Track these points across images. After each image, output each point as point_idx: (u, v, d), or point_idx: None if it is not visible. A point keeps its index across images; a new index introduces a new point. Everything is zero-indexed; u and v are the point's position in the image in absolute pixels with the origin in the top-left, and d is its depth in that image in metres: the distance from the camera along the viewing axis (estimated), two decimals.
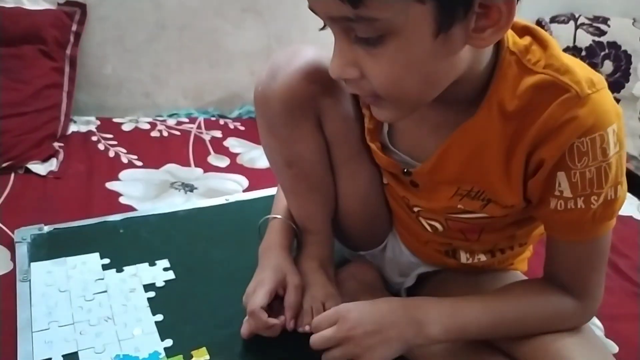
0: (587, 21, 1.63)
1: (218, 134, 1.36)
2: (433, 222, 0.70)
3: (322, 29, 0.53)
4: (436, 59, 0.50)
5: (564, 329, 0.62)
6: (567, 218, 0.58)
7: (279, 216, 0.76)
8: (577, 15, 1.64)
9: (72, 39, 1.28)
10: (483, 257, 0.73)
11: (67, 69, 1.27)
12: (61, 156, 1.14)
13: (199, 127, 1.38)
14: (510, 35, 0.56)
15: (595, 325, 0.83)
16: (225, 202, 1.04)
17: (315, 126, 0.68)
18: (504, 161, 0.58)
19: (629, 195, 1.24)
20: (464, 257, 0.73)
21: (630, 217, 1.17)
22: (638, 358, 0.80)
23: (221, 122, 1.43)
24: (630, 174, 1.35)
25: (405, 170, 0.66)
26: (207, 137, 1.34)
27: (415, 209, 0.70)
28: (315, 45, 0.66)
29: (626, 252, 1.03)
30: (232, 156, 1.27)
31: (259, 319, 0.66)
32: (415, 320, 0.61)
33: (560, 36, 1.59)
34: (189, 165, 1.21)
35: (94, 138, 1.25)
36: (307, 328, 0.67)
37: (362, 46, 0.49)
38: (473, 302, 0.63)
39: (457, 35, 0.48)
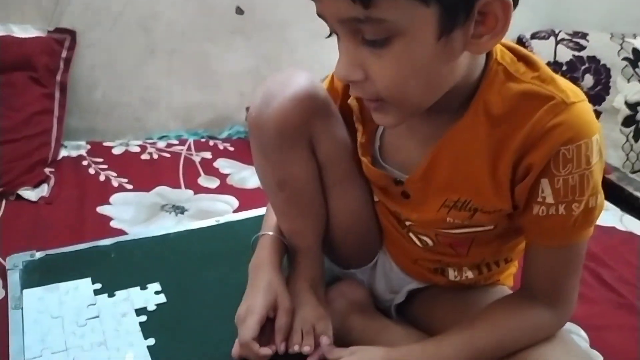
0: (566, 37, 1.67)
1: (208, 155, 1.38)
2: (423, 237, 0.72)
3: (329, 36, 0.56)
4: (438, 63, 0.52)
5: (542, 339, 0.64)
6: (548, 224, 0.60)
7: (270, 232, 0.77)
8: (557, 31, 1.68)
9: (62, 65, 1.30)
10: (470, 274, 0.74)
11: (57, 95, 1.28)
12: (52, 181, 1.15)
13: (188, 148, 1.39)
14: (498, 49, 0.59)
15: (580, 335, 0.85)
16: (215, 223, 1.05)
17: (307, 149, 0.70)
18: (490, 166, 0.60)
19: (612, 206, 1.27)
20: (452, 275, 0.75)
21: (613, 228, 1.19)
22: None
23: (211, 143, 1.44)
24: (612, 185, 1.38)
25: (397, 180, 0.68)
26: (197, 158, 1.35)
27: (407, 223, 0.72)
28: (305, 70, 0.69)
29: (609, 263, 1.05)
30: (222, 177, 1.28)
31: (251, 350, 0.66)
32: None
33: (541, 52, 1.63)
34: (179, 187, 1.22)
35: (85, 162, 1.26)
36: (296, 348, 0.68)
37: (369, 48, 0.51)
38: (453, 338, 0.65)
39: (457, 40, 0.51)
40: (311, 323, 0.71)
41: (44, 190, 1.12)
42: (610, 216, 1.23)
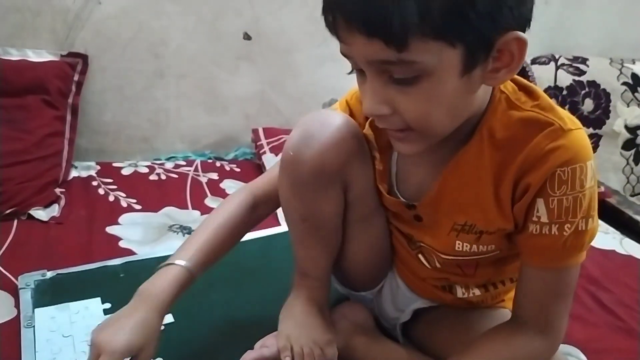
0: (567, 61, 1.71)
1: (214, 175, 1.40)
2: (432, 259, 0.74)
3: (350, 72, 0.59)
4: (460, 96, 0.56)
5: None
6: (541, 243, 0.62)
7: (181, 263, 0.71)
8: (557, 56, 1.71)
9: (74, 88, 1.33)
10: (477, 292, 0.77)
11: (68, 117, 1.32)
12: (63, 202, 1.17)
13: (196, 169, 1.42)
14: None
15: (580, 359, 0.86)
16: None
17: (339, 190, 0.71)
18: (494, 186, 0.63)
19: (612, 229, 1.29)
20: (459, 292, 0.77)
21: (613, 251, 1.20)
22: None
23: (217, 164, 1.47)
24: (613, 209, 1.40)
25: (410, 204, 0.70)
26: (204, 179, 1.38)
27: (418, 244, 0.74)
28: (337, 111, 0.71)
29: (609, 287, 1.06)
30: None
31: None
32: None
33: (541, 76, 1.66)
34: (186, 207, 1.24)
35: (95, 183, 1.29)
36: None
37: (396, 85, 0.54)
38: None
39: (477, 75, 0.55)
40: (320, 347, 0.73)
41: (54, 210, 1.14)
42: (611, 239, 1.24)
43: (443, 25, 0.50)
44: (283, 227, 0.83)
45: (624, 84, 1.71)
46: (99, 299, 0.88)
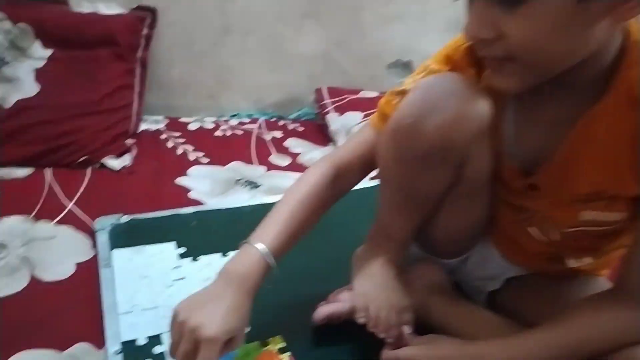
0: None
1: (278, 134, 1.40)
2: (549, 233, 0.68)
3: None
4: (575, 27, 0.50)
5: (629, 341, 0.60)
6: None
7: (262, 246, 0.66)
8: None
9: (143, 42, 1.33)
10: (589, 259, 0.71)
11: (138, 71, 1.32)
12: (134, 153, 1.19)
13: (260, 127, 1.41)
14: (635, 29, 0.55)
15: None
16: None
17: (453, 168, 0.65)
18: (631, 150, 0.56)
19: None
20: (571, 262, 0.72)
21: None
22: None
23: (281, 122, 1.46)
24: None
25: (528, 171, 0.64)
26: (268, 137, 1.37)
27: (531, 215, 0.68)
28: (461, 76, 0.61)
29: None
30: (293, 156, 1.30)
31: None
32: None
33: None
34: (252, 163, 1.24)
35: (163, 136, 1.30)
36: (382, 336, 0.70)
37: (504, 6, 0.49)
38: (535, 338, 0.63)
39: (599, 6, 0.48)
40: (397, 313, 0.70)
41: (126, 160, 1.16)
42: None
43: None
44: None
45: None
46: (173, 243, 0.89)
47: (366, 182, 0.75)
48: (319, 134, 1.42)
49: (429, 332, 0.72)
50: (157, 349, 0.71)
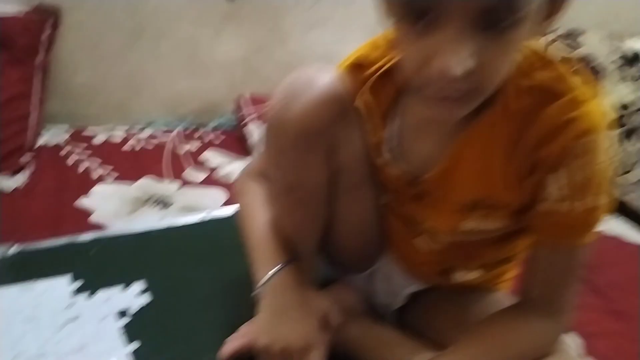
0: (561, 34, 1.66)
1: (195, 145, 1.34)
2: (434, 241, 0.71)
3: (420, 22, 0.50)
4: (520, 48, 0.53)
5: (543, 351, 0.63)
6: (552, 221, 0.59)
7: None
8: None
9: (44, 45, 1.24)
10: (476, 274, 0.74)
11: (38, 78, 1.23)
12: (30, 170, 1.11)
13: (174, 139, 1.35)
14: None
15: (575, 342, 0.85)
16: (202, 218, 1.02)
17: (325, 154, 0.67)
18: (506, 160, 0.60)
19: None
20: (459, 275, 0.74)
21: (604, 233, 1.19)
22: None
23: (198, 133, 1.41)
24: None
25: (412, 180, 0.66)
26: (183, 149, 1.31)
27: (420, 225, 0.70)
28: (330, 67, 0.65)
29: (600, 269, 1.04)
30: (209, 170, 1.25)
31: None
32: None
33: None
34: (164, 179, 1.18)
35: (64, 151, 1.22)
36: None
37: (488, 36, 0.48)
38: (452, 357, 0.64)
39: (535, 24, 0.50)
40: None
41: (21, 179, 1.08)
42: (605, 223, 1.23)
43: None
44: None
45: (619, 59, 1.68)
46: (67, 277, 0.82)
47: None
48: (239, 144, 1.38)
49: (345, 358, 0.71)
50: None
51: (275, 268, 0.68)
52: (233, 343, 0.72)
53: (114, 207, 1.06)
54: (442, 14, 0.47)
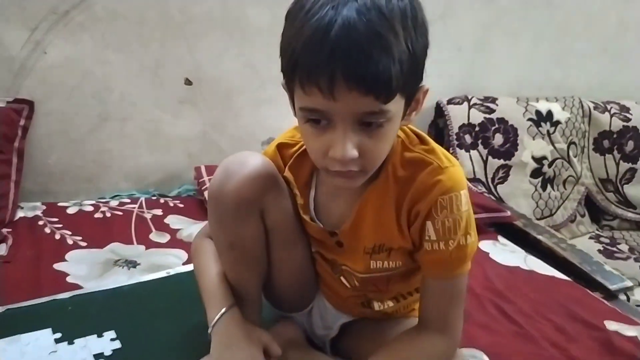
0: (478, 101, 1.91)
1: (159, 212, 1.47)
2: (352, 280, 0.87)
3: (309, 122, 0.67)
4: (394, 136, 0.72)
5: None
6: (433, 257, 0.77)
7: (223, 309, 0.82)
8: (470, 97, 1.91)
9: (20, 132, 1.39)
10: (391, 303, 0.90)
11: (14, 161, 1.37)
12: (10, 241, 1.22)
13: (140, 206, 1.49)
14: None
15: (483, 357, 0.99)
16: (166, 275, 1.15)
17: (258, 218, 0.82)
18: (395, 214, 0.77)
19: (518, 248, 1.46)
20: (376, 306, 0.90)
21: (518, 267, 1.37)
22: None
23: (161, 200, 1.55)
24: (519, 230, 1.58)
25: (332, 232, 0.82)
26: (148, 215, 1.44)
27: (342, 268, 0.86)
28: (256, 152, 0.82)
29: (512, 299, 1.20)
30: (173, 232, 1.38)
31: None
32: None
33: (456, 115, 1.85)
34: (131, 243, 1.31)
35: (41, 222, 1.33)
36: None
37: (367, 131, 0.66)
38: None
39: (406, 111, 0.70)
40: None
41: (2, 249, 1.19)
42: (516, 258, 1.41)
43: (405, 81, 0.64)
44: None
45: (529, 119, 1.93)
46: (49, 329, 0.94)
47: None
48: (199, 209, 1.52)
49: None
50: None
51: (223, 310, 0.81)
52: None
53: (87, 269, 1.16)
54: (332, 120, 0.67)
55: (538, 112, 1.95)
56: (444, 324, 0.79)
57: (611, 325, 1.13)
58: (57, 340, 0.92)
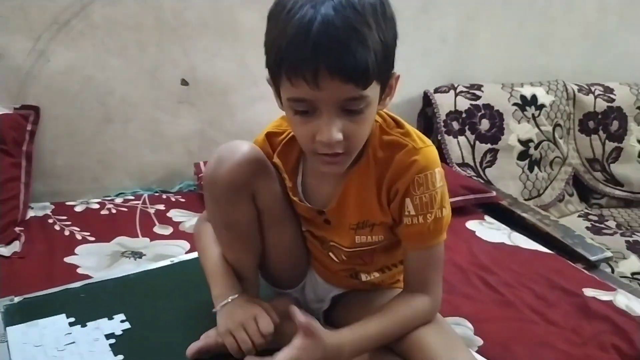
0: (464, 89, 1.98)
1: (162, 207, 1.55)
2: (340, 254, 0.94)
3: (299, 114, 0.74)
4: (373, 120, 0.79)
5: (424, 322, 0.85)
6: (413, 230, 0.84)
7: (234, 296, 0.90)
8: (456, 85, 1.98)
9: (27, 137, 1.47)
10: (377, 274, 0.97)
11: (24, 164, 1.45)
12: (23, 239, 1.30)
13: (144, 202, 1.57)
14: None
15: (466, 326, 1.07)
16: (170, 263, 1.22)
17: (250, 200, 0.89)
18: (376, 192, 0.84)
19: (503, 226, 1.53)
20: (363, 277, 0.97)
21: (502, 243, 1.44)
22: (499, 348, 1.03)
23: (164, 196, 1.63)
24: (505, 209, 1.65)
25: (320, 211, 0.90)
26: (151, 210, 1.52)
27: (330, 244, 0.94)
28: (247, 141, 0.88)
29: (497, 271, 1.28)
30: (175, 225, 1.46)
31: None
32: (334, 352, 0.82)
33: (443, 103, 1.92)
34: (137, 236, 1.39)
35: (50, 220, 1.41)
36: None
37: (349, 116, 0.73)
38: (368, 325, 0.85)
39: (382, 95, 0.77)
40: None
41: (16, 246, 1.27)
42: (501, 234, 1.48)
43: (380, 69, 0.71)
44: None
45: (515, 104, 2.00)
46: (64, 315, 1.01)
47: None
48: (200, 202, 1.60)
49: None
50: None
51: (230, 298, 0.89)
52: (196, 343, 0.91)
53: (96, 261, 1.24)
54: (318, 108, 0.74)
55: (523, 97, 2.01)
56: (427, 287, 0.87)
57: (589, 292, 1.21)
58: (71, 324, 0.99)
